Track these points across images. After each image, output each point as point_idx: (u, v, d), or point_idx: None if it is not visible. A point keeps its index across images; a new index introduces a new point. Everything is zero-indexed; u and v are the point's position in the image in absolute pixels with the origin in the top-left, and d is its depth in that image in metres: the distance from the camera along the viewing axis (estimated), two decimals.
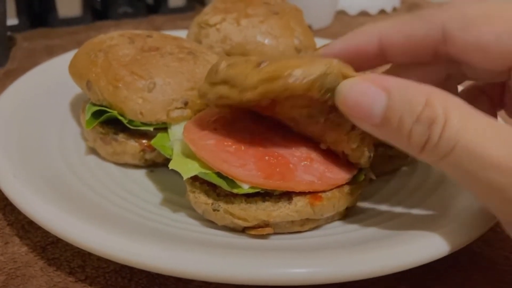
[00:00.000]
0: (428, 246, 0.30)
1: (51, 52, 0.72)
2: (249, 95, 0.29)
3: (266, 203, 0.32)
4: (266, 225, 0.32)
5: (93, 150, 0.44)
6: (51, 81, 0.51)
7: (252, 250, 0.31)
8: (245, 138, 0.33)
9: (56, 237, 0.35)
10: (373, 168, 0.37)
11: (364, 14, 1.00)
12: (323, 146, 0.33)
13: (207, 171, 0.32)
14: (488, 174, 0.24)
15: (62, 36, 0.79)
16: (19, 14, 0.78)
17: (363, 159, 0.33)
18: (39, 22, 0.81)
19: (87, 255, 0.34)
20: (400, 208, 0.37)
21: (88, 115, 0.40)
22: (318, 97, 0.29)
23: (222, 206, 0.32)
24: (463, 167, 0.25)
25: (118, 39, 0.42)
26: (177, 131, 0.39)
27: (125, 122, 0.40)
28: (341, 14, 0.98)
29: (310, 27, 0.55)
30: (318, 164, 0.33)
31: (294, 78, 0.27)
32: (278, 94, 0.28)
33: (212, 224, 0.35)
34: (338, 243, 0.32)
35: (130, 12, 0.89)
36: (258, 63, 0.29)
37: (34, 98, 0.47)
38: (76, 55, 0.44)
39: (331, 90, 0.28)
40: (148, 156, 0.42)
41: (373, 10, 1.00)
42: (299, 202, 0.32)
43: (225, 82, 0.31)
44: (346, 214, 0.36)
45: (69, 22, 0.82)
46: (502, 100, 0.34)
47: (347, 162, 0.34)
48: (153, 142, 0.38)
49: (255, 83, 0.29)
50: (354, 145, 0.32)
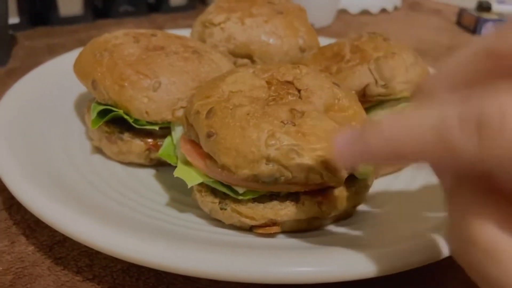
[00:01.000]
0: (434, 245, 0.30)
1: (53, 50, 0.72)
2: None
3: (274, 202, 0.32)
4: (273, 223, 0.33)
5: (98, 150, 0.44)
6: (55, 80, 0.50)
7: (259, 249, 0.31)
8: None
9: (62, 236, 0.36)
10: (378, 168, 0.37)
11: (365, 13, 1.00)
12: None
13: (211, 179, 0.33)
14: None
15: (63, 34, 0.79)
16: (21, 13, 0.77)
17: None
18: (40, 20, 0.81)
19: (95, 254, 0.34)
20: (405, 207, 0.37)
21: (93, 115, 0.40)
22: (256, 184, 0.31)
23: (230, 205, 0.33)
24: None
25: (123, 38, 0.42)
26: (180, 131, 0.39)
27: (130, 121, 0.40)
28: (342, 13, 0.98)
29: (312, 26, 0.55)
30: None
31: (226, 171, 0.30)
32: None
33: (218, 223, 0.35)
34: (344, 242, 0.32)
35: (131, 10, 0.89)
36: (209, 134, 0.31)
37: (38, 97, 0.47)
38: (81, 54, 0.44)
39: (270, 181, 0.30)
40: (153, 155, 0.42)
41: (374, 9, 1.00)
42: (306, 201, 0.32)
43: (193, 127, 0.33)
44: (352, 214, 0.36)
45: (70, 20, 0.82)
46: None
47: None
48: (160, 153, 0.39)
49: (205, 152, 0.32)
50: None
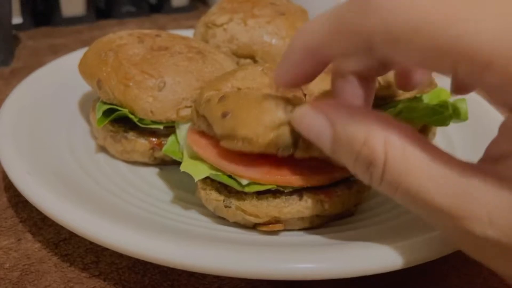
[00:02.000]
0: (435, 243, 0.30)
1: (56, 51, 0.72)
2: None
3: (277, 200, 0.33)
4: (277, 221, 0.33)
5: (102, 149, 0.44)
6: (59, 80, 0.51)
7: (263, 246, 0.31)
8: None
9: (68, 233, 0.36)
10: None
11: None
12: None
13: (218, 173, 0.33)
14: (432, 218, 0.25)
15: (66, 35, 0.79)
16: (24, 13, 0.78)
17: None
18: (43, 21, 0.81)
19: (100, 251, 0.35)
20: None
21: (99, 114, 0.41)
22: (278, 154, 0.30)
23: (234, 202, 0.33)
24: (411, 206, 0.25)
25: (127, 39, 0.43)
26: (184, 130, 0.40)
27: (135, 120, 0.40)
28: None
29: None
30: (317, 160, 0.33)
31: (246, 143, 0.30)
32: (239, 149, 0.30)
33: (222, 220, 0.35)
34: (346, 239, 0.33)
35: (134, 11, 0.89)
36: (224, 113, 0.31)
37: (43, 97, 0.48)
38: (86, 54, 0.44)
39: (291, 146, 0.29)
40: (157, 154, 0.42)
41: None
42: (310, 199, 0.33)
43: (204, 117, 0.33)
44: (355, 212, 0.37)
45: (72, 21, 0.83)
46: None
47: None
48: (164, 150, 0.39)
49: (219, 135, 0.31)
50: None
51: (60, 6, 0.81)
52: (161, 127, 0.41)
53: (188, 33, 0.55)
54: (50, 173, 0.36)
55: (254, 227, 0.34)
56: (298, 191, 0.33)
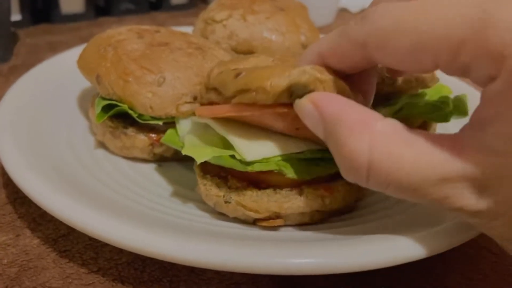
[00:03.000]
0: (434, 238, 0.30)
1: (54, 48, 0.72)
2: (227, 106, 0.31)
3: (278, 195, 0.32)
4: (277, 216, 0.33)
5: (102, 144, 0.44)
6: (58, 76, 0.51)
7: (263, 241, 0.31)
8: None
9: (67, 229, 0.36)
10: None
11: None
12: None
13: (220, 155, 0.32)
14: (428, 203, 0.26)
15: (65, 32, 0.79)
16: (22, 10, 0.78)
17: None
18: (42, 18, 0.81)
19: (100, 247, 0.34)
20: (407, 202, 0.38)
21: (98, 109, 0.40)
22: (290, 101, 0.30)
23: (234, 198, 0.33)
24: (403, 197, 0.26)
25: (126, 34, 0.43)
26: (185, 125, 0.40)
27: (134, 116, 0.40)
28: (343, 11, 0.98)
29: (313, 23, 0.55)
30: None
31: (261, 93, 0.29)
32: (253, 103, 0.30)
33: (222, 216, 0.35)
34: (347, 235, 0.33)
35: (133, 8, 0.89)
36: (237, 74, 0.31)
37: (41, 93, 0.47)
38: (85, 50, 0.44)
39: (304, 92, 0.29)
40: (157, 150, 0.42)
41: None
42: (310, 195, 0.32)
43: (214, 88, 0.33)
44: (355, 207, 0.37)
45: (71, 18, 0.82)
46: None
47: None
48: (163, 139, 0.39)
49: (232, 94, 0.31)
50: None
51: (59, 3, 0.81)
52: (160, 123, 0.40)
53: (187, 30, 0.55)
54: (49, 168, 0.36)
55: (254, 223, 0.34)
56: (299, 187, 0.33)
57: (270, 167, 0.32)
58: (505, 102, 0.23)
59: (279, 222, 0.33)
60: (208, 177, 0.35)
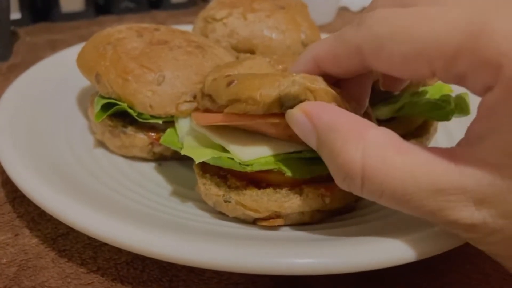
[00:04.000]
0: (435, 238, 0.30)
1: (54, 46, 0.72)
2: (220, 116, 0.32)
3: (278, 195, 0.32)
4: (277, 216, 0.33)
5: (101, 143, 0.44)
6: (57, 75, 0.51)
7: (263, 241, 0.31)
8: None
9: (66, 229, 0.36)
10: None
11: None
12: None
13: (219, 155, 0.32)
14: (423, 215, 0.26)
15: (65, 30, 0.79)
16: (22, 9, 0.78)
17: None
18: (42, 16, 0.81)
19: (98, 247, 0.34)
20: None
21: (97, 108, 0.40)
22: (281, 112, 0.30)
23: (234, 197, 0.33)
24: (397, 208, 0.26)
25: (126, 32, 0.43)
26: (184, 125, 0.40)
27: (134, 115, 0.40)
28: (343, 10, 0.98)
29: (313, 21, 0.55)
30: None
31: (251, 103, 0.30)
32: (244, 113, 0.30)
33: (222, 216, 0.35)
34: (346, 235, 0.32)
35: (133, 7, 0.89)
36: (229, 82, 0.31)
37: (40, 92, 0.47)
38: (84, 48, 0.44)
39: (293, 106, 0.29)
40: (156, 149, 0.42)
41: None
42: (310, 194, 0.32)
43: (209, 95, 0.33)
44: (355, 207, 0.36)
45: (71, 17, 0.82)
46: None
47: None
48: (162, 140, 0.39)
49: (224, 102, 0.31)
50: None
51: (59, 2, 0.81)
52: (160, 122, 0.40)
53: (187, 29, 0.55)
54: (48, 168, 0.36)
55: (254, 222, 0.34)
56: (299, 186, 0.32)
57: (269, 166, 0.32)
58: (502, 114, 0.22)
59: (279, 221, 0.33)
60: (207, 176, 0.35)
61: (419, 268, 0.33)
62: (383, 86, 0.36)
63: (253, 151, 0.32)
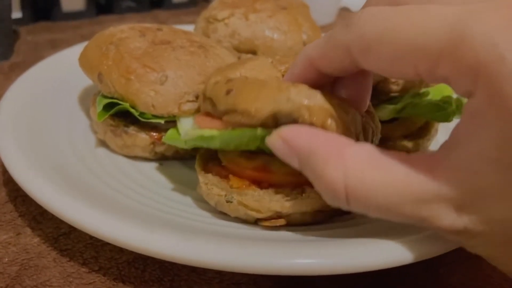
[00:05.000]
0: (437, 239, 0.30)
1: (55, 46, 0.72)
2: (219, 122, 0.32)
3: (279, 195, 0.32)
4: (279, 216, 0.33)
5: (103, 143, 0.44)
6: (59, 74, 0.51)
7: (264, 241, 0.31)
8: None
9: (68, 228, 0.36)
10: None
11: None
12: None
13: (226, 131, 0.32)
14: (411, 222, 0.26)
15: (66, 30, 0.79)
16: (23, 8, 0.78)
17: None
18: (43, 16, 0.81)
19: (100, 246, 0.34)
20: None
21: (99, 108, 0.40)
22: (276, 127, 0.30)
23: (236, 197, 0.33)
24: (386, 219, 0.26)
25: (128, 32, 0.43)
26: (185, 124, 0.40)
27: (136, 114, 0.40)
28: (344, 11, 0.98)
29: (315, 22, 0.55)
30: None
31: (245, 116, 0.30)
32: (240, 124, 0.31)
33: (223, 216, 0.35)
34: (349, 235, 0.32)
35: (134, 6, 0.89)
36: (228, 90, 0.32)
37: (42, 91, 0.47)
38: (86, 48, 0.44)
39: (287, 123, 0.29)
40: (158, 149, 0.42)
41: None
42: (312, 194, 0.32)
43: (210, 99, 0.33)
44: None
45: (72, 16, 0.82)
46: None
47: None
48: (164, 139, 0.39)
49: (223, 111, 0.32)
50: None
51: (60, 1, 0.81)
52: (162, 122, 0.40)
53: (188, 28, 0.55)
54: (49, 167, 0.36)
55: (255, 222, 0.34)
56: (300, 186, 0.32)
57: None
58: (480, 120, 0.22)
59: (281, 222, 0.33)
60: (209, 176, 0.35)
61: (419, 269, 0.33)
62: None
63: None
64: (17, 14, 0.76)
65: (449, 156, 0.24)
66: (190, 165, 0.42)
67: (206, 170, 0.35)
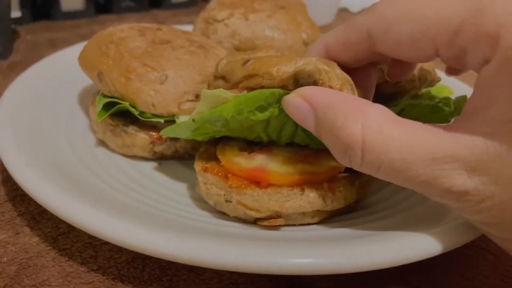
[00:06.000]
0: (435, 239, 0.30)
1: (54, 45, 0.72)
2: (234, 90, 0.32)
3: (279, 194, 0.32)
4: (278, 216, 0.33)
5: (102, 142, 0.44)
6: (58, 73, 0.51)
7: (263, 240, 0.31)
8: None
9: (67, 227, 0.36)
10: None
11: None
12: None
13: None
14: (419, 187, 0.27)
15: (65, 29, 0.79)
16: (22, 7, 0.78)
17: None
18: (42, 15, 0.81)
19: (99, 246, 0.34)
20: (407, 202, 0.38)
21: (99, 107, 0.40)
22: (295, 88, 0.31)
23: (235, 197, 0.33)
24: (394, 180, 0.27)
25: (128, 32, 0.43)
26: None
27: (136, 113, 0.40)
28: (343, 11, 0.98)
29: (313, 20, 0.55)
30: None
31: (267, 78, 0.30)
32: (259, 87, 0.31)
33: (222, 215, 0.35)
34: (347, 235, 0.33)
35: (133, 6, 0.89)
36: (245, 61, 0.32)
37: (41, 90, 0.47)
38: (86, 47, 0.44)
39: (310, 82, 0.30)
40: (157, 148, 0.42)
41: None
42: (311, 194, 0.32)
43: (222, 77, 0.34)
44: (356, 207, 0.37)
45: (72, 15, 0.82)
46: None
47: None
48: (163, 132, 0.38)
49: (239, 79, 0.32)
50: None
51: (59, 0, 0.80)
52: (162, 121, 0.40)
53: (187, 28, 0.55)
54: (49, 166, 0.36)
55: (254, 222, 0.34)
56: (300, 185, 0.32)
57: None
58: (497, 84, 0.23)
59: (280, 221, 0.33)
60: (208, 175, 0.35)
61: (419, 268, 0.33)
62: (388, 76, 0.37)
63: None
64: (16, 13, 0.76)
65: (465, 122, 0.25)
66: (189, 164, 0.42)
67: (205, 169, 0.35)
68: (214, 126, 0.33)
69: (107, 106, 0.41)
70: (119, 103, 0.40)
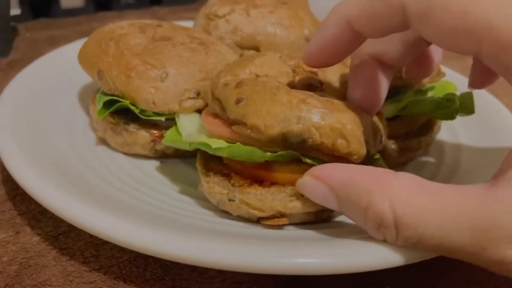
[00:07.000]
0: None
1: (54, 42, 0.71)
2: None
3: (282, 194, 0.32)
4: (281, 215, 0.32)
5: (103, 141, 0.43)
6: (58, 71, 0.50)
7: (266, 240, 0.31)
8: None
9: (68, 227, 0.35)
10: (385, 160, 0.37)
11: None
12: None
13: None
14: (459, 255, 0.25)
15: (65, 26, 0.78)
16: (22, 4, 0.77)
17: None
18: (42, 12, 0.81)
19: (101, 245, 0.34)
20: None
21: (99, 105, 0.40)
22: (283, 146, 0.31)
23: (238, 196, 0.32)
24: (437, 252, 0.26)
25: (128, 28, 0.42)
26: (186, 122, 0.39)
27: (136, 111, 0.40)
28: None
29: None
30: None
31: (255, 131, 0.30)
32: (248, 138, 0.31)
33: (225, 214, 0.35)
34: (352, 234, 0.32)
35: (133, 3, 0.88)
36: (239, 100, 0.31)
37: (41, 88, 0.47)
38: (85, 44, 0.43)
39: (299, 143, 0.30)
40: (158, 147, 0.41)
41: None
42: None
43: (219, 100, 0.33)
44: None
45: (71, 12, 0.82)
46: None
47: None
48: (164, 140, 0.38)
49: (232, 120, 0.32)
50: None
51: None
52: (163, 119, 0.40)
53: (188, 25, 0.54)
54: (49, 165, 0.36)
55: (258, 221, 0.33)
56: None
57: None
58: None
59: (284, 221, 0.32)
60: (211, 174, 0.34)
61: (421, 268, 0.33)
62: (406, 74, 0.35)
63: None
64: (15, 11, 0.76)
65: (507, 182, 0.23)
66: (191, 163, 0.42)
67: (208, 168, 0.35)
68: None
69: (108, 104, 0.40)
70: (120, 101, 0.40)
